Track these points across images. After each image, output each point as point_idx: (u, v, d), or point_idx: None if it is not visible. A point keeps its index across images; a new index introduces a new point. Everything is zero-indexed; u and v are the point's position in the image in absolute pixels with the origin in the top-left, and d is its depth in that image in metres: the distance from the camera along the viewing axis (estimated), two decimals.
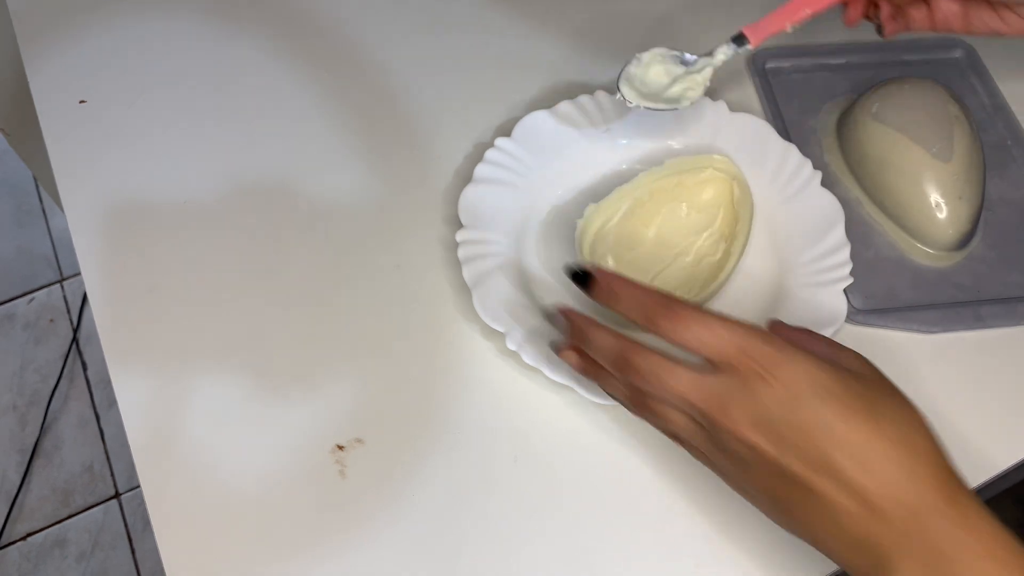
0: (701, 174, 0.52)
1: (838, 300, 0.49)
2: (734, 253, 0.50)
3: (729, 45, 0.50)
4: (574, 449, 0.47)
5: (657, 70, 0.51)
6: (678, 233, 0.52)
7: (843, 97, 0.60)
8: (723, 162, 0.52)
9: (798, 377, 0.34)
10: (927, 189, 0.52)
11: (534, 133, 0.54)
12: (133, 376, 0.48)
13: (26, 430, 1.27)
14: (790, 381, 0.34)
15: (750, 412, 0.34)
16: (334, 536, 0.44)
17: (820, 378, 0.34)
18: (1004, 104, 0.60)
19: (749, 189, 0.52)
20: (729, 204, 0.52)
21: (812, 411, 0.33)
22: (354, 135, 0.58)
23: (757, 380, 0.34)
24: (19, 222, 1.46)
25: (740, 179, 0.52)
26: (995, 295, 0.52)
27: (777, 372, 0.34)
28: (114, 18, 0.63)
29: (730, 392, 0.35)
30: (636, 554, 0.44)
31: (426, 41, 0.63)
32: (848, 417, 0.33)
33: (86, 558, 1.19)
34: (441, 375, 0.49)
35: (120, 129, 0.57)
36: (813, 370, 0.34)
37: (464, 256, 0.50)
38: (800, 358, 0.35)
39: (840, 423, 0.33)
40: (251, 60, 0.61)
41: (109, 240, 0.53)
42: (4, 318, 1.37)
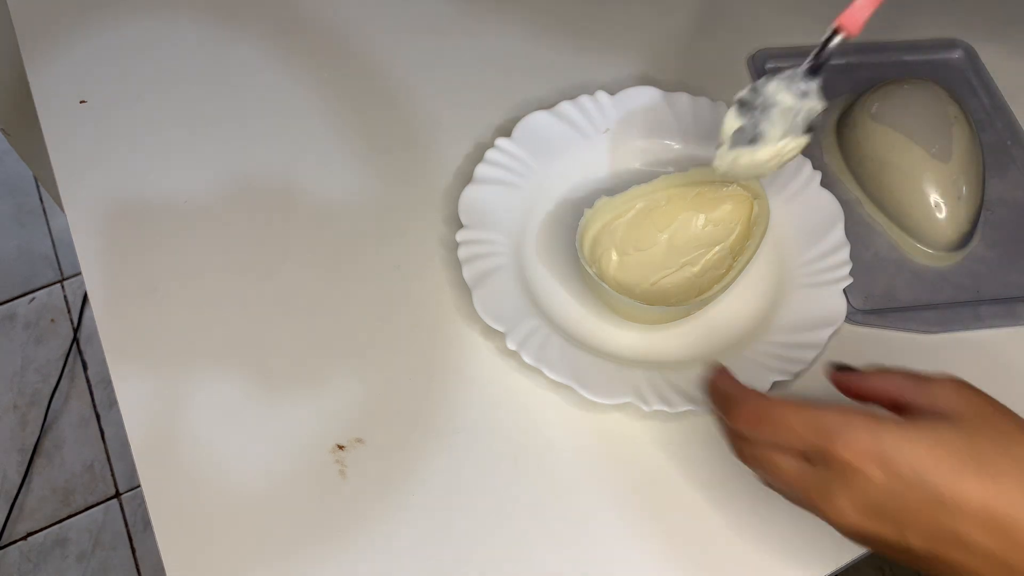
0: (724, 188, 0.51)
1: (838, 300, 0.49)
2: (736, 267, 0.50)
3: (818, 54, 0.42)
4: (574, 449, 0.47)
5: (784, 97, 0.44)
6: (691, 243, 0.51)
7: (843, 97, 0.60)
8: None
9: (894, 458, 0.32)
10: (927, 189, 0.52)
11: (534, 133, 0.54)
12: (133, 376, 0.48)
13: (27, 430, 1.27)
14: (887, 464, 0.32)
15: (854, 504, 0.33)
16: (334, 536, 0.44)
17: (916, 451, 0.32)
18: (1004, 104, 0.60)
19: (768, 209, 0.51)
20: (746, 222, 0.51)
21: (919, 490, 0.32)
22: (354, 135, 0.58)
23: (852, 472, 0.33)
24: (19, 222, 1.46)
25: (762, 198, 0.51)
26: (995, 295, 0.52)
27: (871, 458, 0.32)
28: (114, 18, 0.63)
29: (828, 485, 0.33)
30: (636, 553, 0.44)
31: (426, 41, 0.63)
32: (957, 484, 0.31)
33: (86, 558, 1.19)
34: (441, 375, 0.49)
35: (120, 129, 0.57)
36: (906, 445, 0.32)
37: (464, 256, 0.50)
38: (890, 436, 0.32)
39: (952, 493, 0.31)
40: (251, 60, 0.61)
41: (109, 240, 0.53)
42: (4, 318, 1.37)
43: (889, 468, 0.32)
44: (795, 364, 0.47)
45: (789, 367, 0.46)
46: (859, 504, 0.33)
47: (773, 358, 0.47)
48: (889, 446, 0.32)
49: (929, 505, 0.32)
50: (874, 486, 0.32)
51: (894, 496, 0.32)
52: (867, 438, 0.33)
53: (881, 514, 0.32)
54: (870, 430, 0.33)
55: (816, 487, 0.34)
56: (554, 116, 0.55)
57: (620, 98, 0.56)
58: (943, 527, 0.31)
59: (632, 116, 0.56)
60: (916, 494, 0.32)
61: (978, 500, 0.31)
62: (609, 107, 0.56)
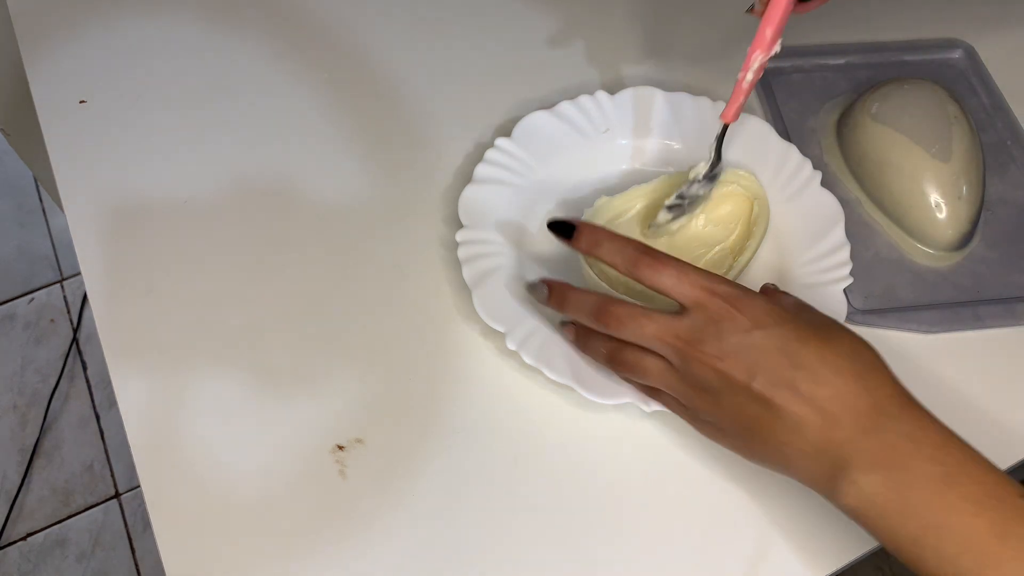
0: (724, 188, 0.51)
1: (838, 300, 0.49)
2: (737, 267, 0.50)
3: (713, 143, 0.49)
4: (574, 449, 0.47)
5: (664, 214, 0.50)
6: (691, 243, 0.52)
7: (843, 97, 0.60)
8: (748, 179, 0.51)
9: (759, 311, 0.38)
10: (927, 189, 0.52)
11: (534, 133, 0.54)
12: (133, 376, 0.48)
13: (26, 430, 1.27)
14: (752, 315, 0.38)
15: (719, 345, 0.38)
16: (334, 536, 0.44)
17: (778, 311, 0.38)
18: (1004, 104, 0.60)
19: (768, 209, 0.52)
20: (746, 222, 0.52)
21: (772, 337, 0.37)
22: (354, 135, 0.58)
23: (724, 316, 0.38)
24: (19, 222, 1.46)
25: (762, 198, 0.51)
26: (995, 295, 0.52)
27: (741, 307, 0.38)
28: (114, 18, 0.63)
29: (700, 329, 0.39)
30: (636, 553, 0.44)
31: (426, 41, 0.63)
32: (804, 339, 0.37)
33: (86, 558, 1.19)
34: (441, 375, 0.49)
35: (120, 129, 0.57)
36: (772, 306, 0.39)
37: (464, 256, 0.50)
38: (761, 297, 0.39)
39: (797, 344, 0.37)
40: (251, 60, 0.61)
41: (109, 240, 0.53)
42: (4, 318, 1.37)
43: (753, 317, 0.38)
44: None
45: None
46: (721, 345, 0.38)
47: None
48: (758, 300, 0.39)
49: (778, 351, 0.37)
50: (737, 328, 0.38)
51: (751, 339, 0.38)
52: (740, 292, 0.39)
53: (736, 355, 0.38)
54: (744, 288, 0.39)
55: (688, 333, 0.39)
56: (554, 116, 0.55)
57: (620, 98, 0.56)
58: (783, 371, 0.37)
59: (632, 116, 0.56)
60: (769, 341, 0.37)
61: (817, 354, 0.37)
62: (609, 107, 0.56)
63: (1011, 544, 0.33)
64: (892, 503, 0.35)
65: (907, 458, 0.35)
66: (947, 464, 0.35)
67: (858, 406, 0.36)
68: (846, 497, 0.36)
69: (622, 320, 0.41)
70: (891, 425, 0.36)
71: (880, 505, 0.35)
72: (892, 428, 0.36)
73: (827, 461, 0.36)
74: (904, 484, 0.34)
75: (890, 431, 0.35)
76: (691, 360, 0.39)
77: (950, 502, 0.34)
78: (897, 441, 0.35)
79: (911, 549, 0.34)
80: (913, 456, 0.35)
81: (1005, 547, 0.33)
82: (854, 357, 0.37)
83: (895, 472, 0.35)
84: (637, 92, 0.56)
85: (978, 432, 0.48)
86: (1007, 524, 0.33)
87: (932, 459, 0.35)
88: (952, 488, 0.34)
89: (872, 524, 0.36)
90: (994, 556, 0.33)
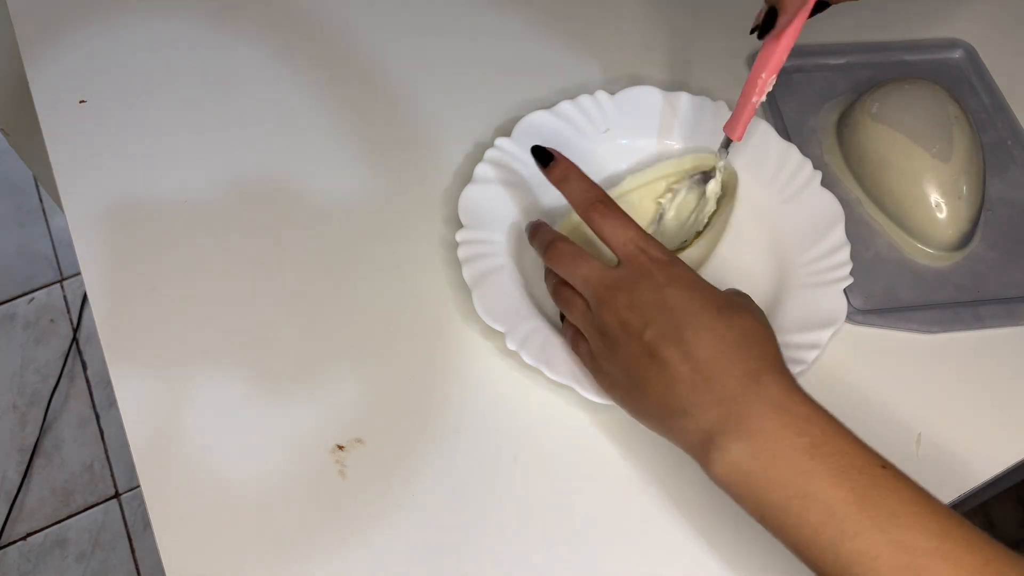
0: (690, 178, 0.54)
1: (838, 300, 0.49)
2: (710, 240, 0.52)
3: (719, 152, 0.51)
4: (574, 449, 0.47)
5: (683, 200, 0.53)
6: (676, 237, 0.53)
7: (843, 97, 0.60)
8: (706, 159, 0.54)
9: (675, 275, 0.40)
10: (927, 189, 0.52)
11: (534, 133, 0.54)
12: (133, 376, 0.48)
13: (26, 430, 1.27)
14: (668, 276, 0.40)
15: (629, 296, 0.40)
16: (334, 536, 0.44)
17: (693, 280, 0.41)
18: (1004, 104, 0.60)
19: (736, 178, 0.53)
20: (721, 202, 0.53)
21: (677, 298, 0.39)
22: (354, 135, 0.58)
23: (643, 274, 0.41)
24: (19, 222, 1.46)
25: (729, 170, 0.53)
26: (995, 295, 0.52)
27: (661, 268, 0.41)
28: (114, 18, 0.63)
29: (621, 282, 0.41)
30: (636, 553, 0.44)
31: (426, 42, 0.63)
32: (704, 307, 0.39)
33: (86, 558, 1.19)
34: (441, 375, 0.49)
35: (120, 129, 0.57)
36: (691, 276, 0.41)
37: (464, 256, 0.50)
38: (686, 267, 0.41)
39: (696, 308, 0.39)
40: (251, 60, 0.61)
41: (109, 240, 0.53)
42: (4, 318, 1.37)
43: (668, 278, 0.40)
44: (795, 364, 0.47)
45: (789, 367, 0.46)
46: (631, 297, 0.40)
47: None
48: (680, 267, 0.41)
49: (677, 309, 0.39)
50: (650, 285, 0.40)
51: (658, 296, 0.40)
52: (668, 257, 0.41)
53: (641, 308, 0.40)
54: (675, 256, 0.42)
55: (610, 283, 0.41)
56: (554, 116, 0.55)
57: (620, 98, 0.56)
58: (676, 328, 0.39)
59: (632, 116, 0.56)
60: (673, 300, 0.39)
61: (711, 320, 0.39)
62: (609, 107, 0.56)
63: (870, 513, 0.34)
64: (758, 471, 0.36)
65: (774, 428, 0.36)
66: (812, 435, 0.36)
67: (732, 372, 0.37)
68: (715, 465, 0.37)
69: (562, 258, 0.43)
70: (762, 394, 0.37)
71: (746, 472, 0.36)
72: (762, 398, 0.37)
73: (697, 426, 0.38)
74: (771, 453, 0.35)
75: (760, 401, 0.36)
76: (603, 306, 0.41)
77: (814, 471, 0.35)
78: (765, 410, 0.36)
79: (776, 517, 0.35)
80: (780, 426, 0.36)
81: (864, 515, 0.34)
82: (744, 332, 0.39)
83: (762, 440, 0.36)
84: (637, 92, 0.56)
85: (978, 432, 0.48)
86: (867, 493, 0.34)
87: (798, 430, 0.36)
88: (816, 459, 0.35)
89: (739, 492, 0.37)
90: (854, 524, 0.33)
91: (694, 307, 0.39)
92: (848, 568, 0.34)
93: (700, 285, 0.40)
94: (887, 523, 0.33)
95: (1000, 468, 0.47)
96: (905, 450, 0.47)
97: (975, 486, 0.46)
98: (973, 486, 0.46)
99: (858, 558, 0.33)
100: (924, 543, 0.33)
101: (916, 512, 0.34)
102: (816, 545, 0.34)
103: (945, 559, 0.32)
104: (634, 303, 0.40)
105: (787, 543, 0.36)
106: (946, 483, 0.46)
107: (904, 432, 0.47)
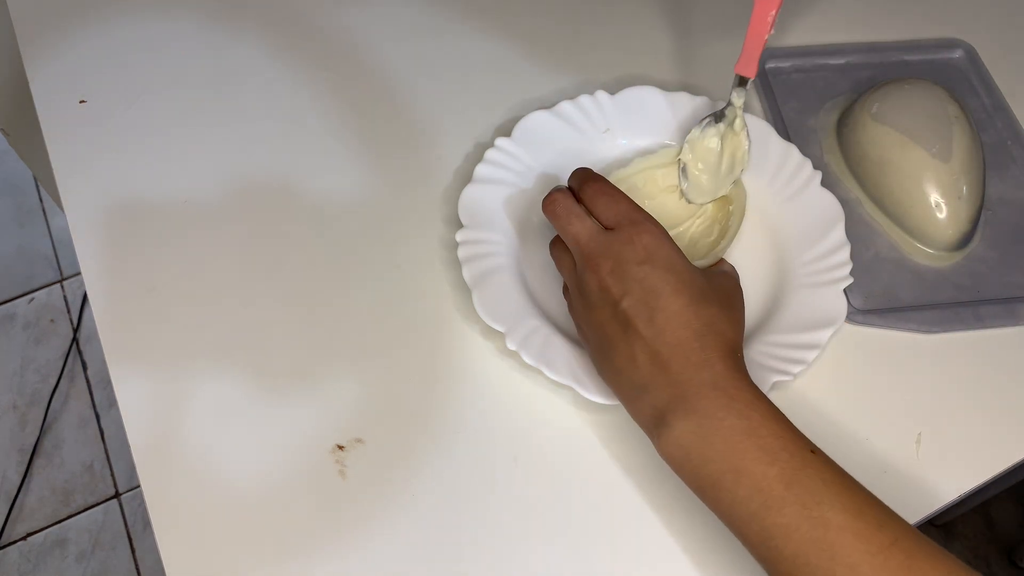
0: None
1: (838, 300, 0.49)
2: (731, 228, 0.51)
3: (735, 91, 0.51)
4: (574, 449, 0.47)
5: (704, 146, 0.52)
6: (671, 219, 0.53)
7: (843, 97, 0.60)
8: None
9: (661, 254, 0.42)
10: (927, 189, 0.52)
11: (534, 133, 0.54)
12: (133, 376, 0.48)
13: (26, 430, 1.27)
14: (652, 251, 0.42)
15: (613, 263, 0.42)
16: (334, 536, 0.44)
17: (675, 261, 0.42)
18: (1004, 104, 0.60)
19: (744, 193, 0.53)
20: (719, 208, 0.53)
21: (656, 276, 0.41)
22: (354, 135, 0.58)
23: (628, 243, 0.42)
24: (19, 222, 1.47)
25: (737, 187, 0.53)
26: (995, 295, 0.52)
27: (647, 242, 0.42)
28: (114, 18, 0.63)
29: (608, 246, 0.42)
30: (636, 553, 0.44)
31: (426, 42, 0.63)
32: (679, 291, 0.41)
33: (86, 558, 1.19)
34: (441, 375, 0.49)
35: (120, 129, 0.57)
36: (675, 256, 0.42)
37: (464, 256, 0.50)
38: (672, 245, 0.43)
39: (670, 291, 0.41)
40: (251, 60, 0.61)
41: (109, 240, 0.53)
42: (4, 318, 1.37)
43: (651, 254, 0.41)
44: (795, 364, 0.47)
45: (789, 367, 0.46)
46: (614, 264, 0.42)
47: (773, 358, 0.47)
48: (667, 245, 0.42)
49: (654, 288, 0.41)
50: (633, 256, 0.41)
51: (639, 270, 0.41)
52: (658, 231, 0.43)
53: (621, 276, 0.41)
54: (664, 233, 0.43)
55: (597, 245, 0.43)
56: (554, 116, 0.55)
57: (620, 98, 0.56)
58: (648, 304, 0.40)
59: (632, 116, 0.56)
60: (652, 278, 0.41)
61: (681, 307, 0.40)
62: (609, 107, 0.56)
63: (794, 491, 0.36)
64: (697, 447, 0.38)
65: (717, 410, 0.38)
66: (752, 419, 0.38)
67: (690, 358, 0.40)
68: (661, 439, 0.40)
69: (558, 213, 0.45)
70: (711, 379, 0.39)
71: (687, 448, 0.39)
72: (710, 383, 0.39)
73: (651, 403, 0.40)
74: (711, 431, 0.38)
75: (708, 385, 0.39)
76: (587, 267, 0.43)
77: (748, 450, 0.37)
78: (712, 394, 0.39)
79: (710, 491, 0.39)
80: (723, 409, 0.38)
81: (789, 492, 0.36)
82: (709, 322, 0.41)
83: (704, 420, 0.38)
84: (637, 92, 0.56)
85: (978, 432, 0.48)
86: (795, 473, 0.37)
87: (740, 414, 0.38)
88: (752, 439, 0.38)
89: (680, 466, 0.39)
90: (778, 500, 0.36)
91: (669, 290, 0.41)
92: (769, 540, 0.36)
93: (680, 268, 0.42)
94: (809, 500, 0.36)
95: (1000, 468, 0.47)
96: (905, 450, 0.47)
97: (975, 486, 0.46)
98: (973, 486, 0.46)
99: (778, 531, 0.36)
100: (839, 520, 0.35)
101: (837, 493, 0.36)
102: (743, 516, 0.37)
103: (857, 535, 0.35)
104: (616, 270, 0.42)
105: (719, 514, 0.39)
106: (946, 483, 0.46)
107: (904, 432, 0.47)
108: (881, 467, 0.46)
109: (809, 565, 0.35)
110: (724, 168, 0.52)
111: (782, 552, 0.36)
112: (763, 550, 0.37)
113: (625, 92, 0.56)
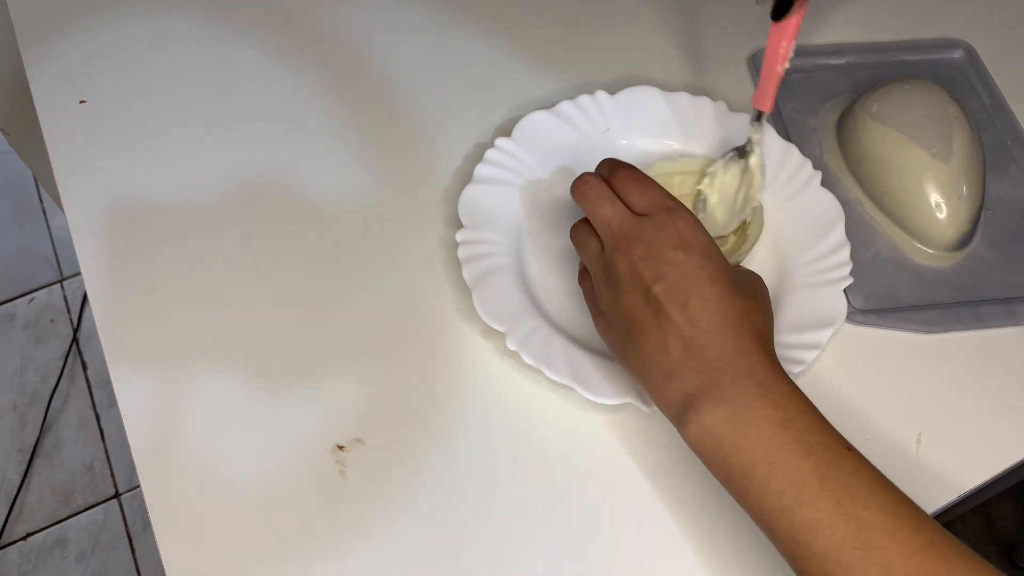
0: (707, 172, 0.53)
1: (838, 300, 0.49)
2: (748, 240, 0.51)
3: (752, 126, 0.51)
4: (574, 448, 0.47)
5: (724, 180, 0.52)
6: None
7: (843, 97, 0.60)
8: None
9: (696, 240, 0.41)
10: (927, 189, 0.52)
11: (534, 133, 0.54)
12: (133, 376, 0.48)
13: (26, 430, 1.27)
14: (687, 238, 0.41)
15: (645, 248, 0.41)
16: (334, 536, 0.44)
17: (709, 250, 0.41)
18: (1004, 104, 0.60)
19: (762, 213, 0.53)
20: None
21: (692, 262, 0.40)
22: (354, 135, 0.58)
23: (663, 228, 0.41)
24: (19, 222, 1.46)
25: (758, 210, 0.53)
26: (995, 295, 0.52)
27: (682, 228, 0.41)
28: (114, 18, 0.63)
29: (640, 231, 0.42)
30: (636, 553, 0.44)
31: (426, 42, 0.63)
32: (715, 279, 0.40)
33: (86, 558, 1.19)
34: (441, 375, 0.49)
35: (120, 129, 0.57)
36: (709, 245, 0.42)
37: (464, 256, 0.50)
38: (707, 235, 0.42)
39: (706, 279, 0.40)
40: (251, 60, 0.61)
41: (109, 240, 0.53)
42: (4, 318, 1.37)
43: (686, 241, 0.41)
44: (795, 364, 0.47)
45: (789, 367, 0.46)
46: (647, 248, 0.41)
47: None
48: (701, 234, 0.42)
49: (689, 275, 0.40)
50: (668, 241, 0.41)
51: (674, 256, 0.40)
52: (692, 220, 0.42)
53: (655, 261, 0.41)
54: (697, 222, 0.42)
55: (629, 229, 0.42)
56: (554, 116, 0.55)
57: (620, 98, 0.56)
58: (683, 290, 0.40)
59: (632, 116, 0.56)
60: (687, 264, 0.40)
61: (717, 294, 0.40)
62: (609, 107, 0.56)
63: (828, 486, 0.35)
64: (730, 436, 0.37)
65: (753, 399, 0.37)
66: (788, 410, 0.37)
67: (725, 346, 0.39)
68: (689, 425, 0.38)
69: (587, 196, 0.44)
70: (746, 368, 0.38)
71: (719, 436, 0.37)
72: (745, 371, 0.38)
73: (680, 388, 0.39)
74: (745, 421, 0.37)
75: (743, 374, 0.38)
76: (617, 250, 0.42)
77: (783, 442, 0.36)
78: (748, 383, 0.38)
79: (739, 481, 0.37)
80: (759, 398, 0.37)
81: (823, 488, 0.35)
82: (745, 311, 0.40)
83: (738, 408, 0.37)
84: (637, 92, 0.56)
85: (978, 432, 0.48)
86: (830, 468, 0.36)
87: (776, 404, 0.37)
88: (787, 431, 0.37)
89: (708, 454, 0.38)
90: (812, 494, 0.35)
91: (704, 277, 0.40)
92: (799, 535, 0.35)
93: (715, 256, 0.41)
94: (844, 497, 0.35)
95: (1000, 468, 0.47)
96: (905, 450, 0.47)
97: (975, 486, 0.46)
98: (973, 486, 0.46)
99: (811, 525, 0.35)
100: (876, 519, 0.34)
101: (872, 491, 0.35)
102: (773, 509, 0.36)
103: (892, 536, 0.34)
104: (649, 255, 0.41)
105: (746, 506, 0.38)
106: (946, 483, 0.46)
107: (904, 432, 0.47)
108: (881, 467, 0.46)
109: (841, 563, 0.34)
110: (739, 203, 0.52)
111: (811, 548, 0.35)
112: (792, 545, 0.36)
113: (625, 92, 0.56)
